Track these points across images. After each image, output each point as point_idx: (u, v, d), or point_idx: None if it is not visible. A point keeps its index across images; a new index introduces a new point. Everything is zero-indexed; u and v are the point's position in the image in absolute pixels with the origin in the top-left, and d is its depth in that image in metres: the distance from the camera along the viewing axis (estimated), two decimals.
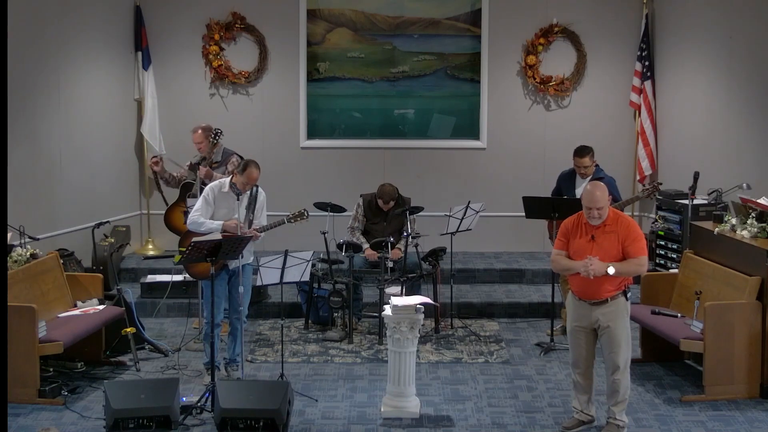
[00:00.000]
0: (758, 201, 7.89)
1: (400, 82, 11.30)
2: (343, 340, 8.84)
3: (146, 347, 8.53)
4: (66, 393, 7.48)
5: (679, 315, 7.89)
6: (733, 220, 7.93)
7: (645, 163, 10.97)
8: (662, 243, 10.10)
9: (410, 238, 8.88)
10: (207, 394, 7.10)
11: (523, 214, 8.92)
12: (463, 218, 9.19)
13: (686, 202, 9.20)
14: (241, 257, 7.43)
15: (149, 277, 9.92)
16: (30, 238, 8.28)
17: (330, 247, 8.95)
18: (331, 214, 9.11)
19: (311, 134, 11.35)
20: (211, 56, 11.09)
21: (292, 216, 7.91)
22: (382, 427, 6.95)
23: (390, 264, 8.90)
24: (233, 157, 8.79)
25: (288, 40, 11.19)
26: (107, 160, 10.79)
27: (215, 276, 7.30)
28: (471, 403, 7.40)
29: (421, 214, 9.28)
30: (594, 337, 6.73)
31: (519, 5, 11.18)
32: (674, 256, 9.81)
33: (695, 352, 7.57)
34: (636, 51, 11.04)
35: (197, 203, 7.80)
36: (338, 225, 9.53)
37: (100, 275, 8.61)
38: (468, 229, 9.34)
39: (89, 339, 7.92)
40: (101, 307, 8.22)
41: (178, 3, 11.13)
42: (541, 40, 11.13)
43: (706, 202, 9.60)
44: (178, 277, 9.49)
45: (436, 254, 9.10)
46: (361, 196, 9.52)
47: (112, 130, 10.86)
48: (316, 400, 7.43)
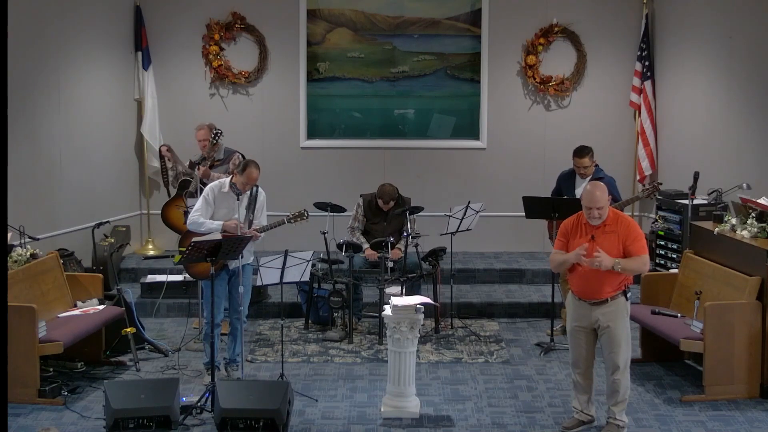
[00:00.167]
0: (758, 201, 7.88)
1: (400, 82, 11.30)
2: (343, 340, 8.84)
3: (146, 347, 8.52)
4: (66, 393, 7.48)
5: (679, 315, 7.89)
6: (733, 220, 7.92)
7: (645, 163, 10.96)
8: (662, 243, 10.09)
9: (410, 238, 8.87)
10: (207, 394, 7.10)
11: (523, 214, 8.92)
12: (463, 218, 9.19)
13: (686, 202, 9.19)
14: (241, 257, 7.43)
15: (149, 277, 9.92)
16: (30, 238, 8.28)
17: (330, 247, 8.95)
18: (331, 214, 9.11)
19: (311, 134, 11.35)
20: (211, 56, 11.08)
21: (292, 216, 7.90)
22: (382, 427, 6.95)
23: (390, 264, 8.89)
24: (235, 155, 8.83)
25: (288, 40, 11.19)
26: (107, 160, 10.79)
27: (215, 276, 7.30)
28: (471, 403, 7.39)
29: (421, 214, 9.28)
30: (594, 337, 6.73)
31: (519, 5, 11.18)
32: (674, 256, 9.80)
33: (695, 352, 7.57)
34: (636, 51, 11.03)
35: (197, 203, 7.80)
36: (338, 225, 9.53)
37: (100, 275, 8.61)
38: (468, 229, 9.34)
39: (89, 339, 7.92)
40: (101, 307, 8.22)
41: (178, 3, 11.13)
42: (541, 40, 11.12)
43: (706, 202, 9.60)
44: (174, 278, 9.49)
45: (436, 254, 9.10)
46: (361, 196, 9.52)
47: (112, 130, 10.87)
48: (316, 400, 7.43)
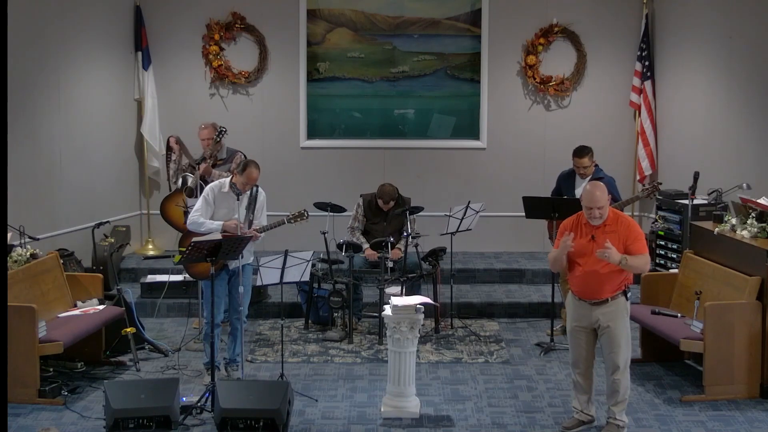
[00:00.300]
0: (758, 201, 7.88)
1: (400, 82, 11.30)
2: (343, 340, 8.84)
3: (146, 347, 8.52)
4: (66, 393, 7.48)
5: (679, 315, 7.89)
6: (733, 220, 7.92)
7: (645, 163, 10.96)
8: (662, 243, 10.09)
9: (410, 238, 8.87)
10: (207, 394, 7.10)
11: (523, 214, 8.92)
12: (463, 218, 9.18)
13: (686, 202, 9.19)
14: (241, 257, 7.43)
15: (149, 277, 9.92)
16: (30, 238, 8.28)
17: (330, 247, 8.95)
18: (331, 214, 9.11)
19: (311, 134, 11.35)
20: (211, 56, 11.08)
21: (292, 216, 7.90)
22: (382, 427, 6.95)
23: (390, 264, 8.89)
24: (238, 154, 8.84)
25: (288, 40, 11.19)
26: (107, 160, 10.78)
27: (215, 276, 7.30)
28: (471, 403, 7.39)
29: (421, 214, 9.28)
30: (594, 337, 6.73)
31: (519, 5, 11.17)
32: (674, 256, 9.80)
33: (695, 352, 7.57)
34: (636, 51, 11.03)
35: (197, 203, 7.80)
36: (338, 225, 9.53)
37: (100, 275, 8.61)
38: (468, 229, 9.34)
39: (89, 339, 7.92)
40: (101, 307, 8.22)
41: (178, 3, 11.12)
42: (541, 40, 11.12)
43: (706, 202, 9.59)
44: (176, 278, 9.49)
45: (436, 254, 9.10)
46: (361, 196, 9.52)
47: (112, 130, 10.86)
48: (316, 400, 7.43)
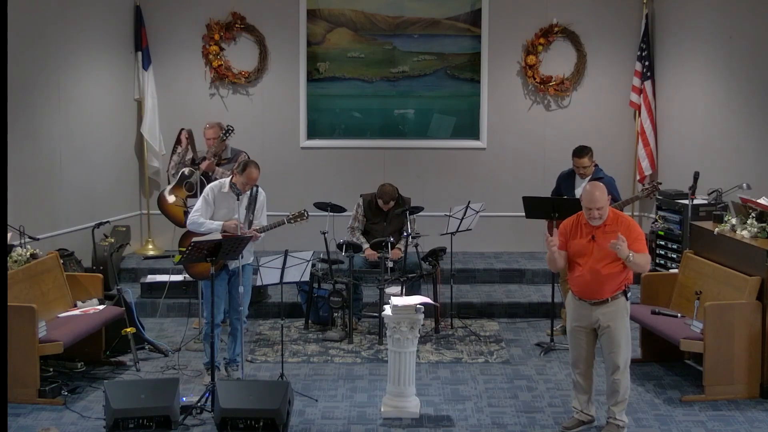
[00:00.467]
0: (758, 201, 7.88)
1: (400, 82, 11.30)
2: (343, 340, 8.84)
3: (146, 347, 8.52)
4: (66, 393, 7.48)
5: (679, 315, 7.89)
6: (733, 220, 7.92)
7: (645, 163, 10.96)
8: (662, 243, 10.09)
9: (410, 238, 8.87)
10: (207, 394, 7.10)
11: (523, 214, 8.92)
12: (463, 218, 9.18)
13: (686, 202, 9.19)
14: (241, 257, 7.43)
15: (149, 277, 9.92)
16: (30, 238, 8.28)
17: (330, 247, 8.95)
18: (331, 214, 9.11)
19: (311, 134, 11.35)
20: (211, 56, 11.08)
21: (292, 216, 7.90)
22: (382, 427, 6.95)
23: (390, 264, 8.89)
24: (242, 154, 8.84)
25: (288, 40, 11.19)
26: (107, 160, 10.78)
27: (215, 276, 7.30)
28: (471, 403, 7.39)
29: (421, 214, 9.28)
30: (594, 337, 6.73)
31: (519, 5, 11.17)
32: (674, 256, 9.80)
33: (695, 352, 7.57)
34: (636, 51, 11.03)
35: (197, 203, 7.80)
36: (338, 225, 9.53)
37: (100, 275, 8.61)
38: (468, 229, 9.34)
39: (89, 339, 7.92)
40: (101, 307, 8.22)
41: (178, 3, 11.12)
42: (541, 40, 11.12)
43: (706, 202, 9.59)
44: (176, 278, 9.49)
45: (436, 254, 9.10)
46: (361, 196, 9.52)
47: (112, 130, 10.86)
48: (316, 400, 7.43)
